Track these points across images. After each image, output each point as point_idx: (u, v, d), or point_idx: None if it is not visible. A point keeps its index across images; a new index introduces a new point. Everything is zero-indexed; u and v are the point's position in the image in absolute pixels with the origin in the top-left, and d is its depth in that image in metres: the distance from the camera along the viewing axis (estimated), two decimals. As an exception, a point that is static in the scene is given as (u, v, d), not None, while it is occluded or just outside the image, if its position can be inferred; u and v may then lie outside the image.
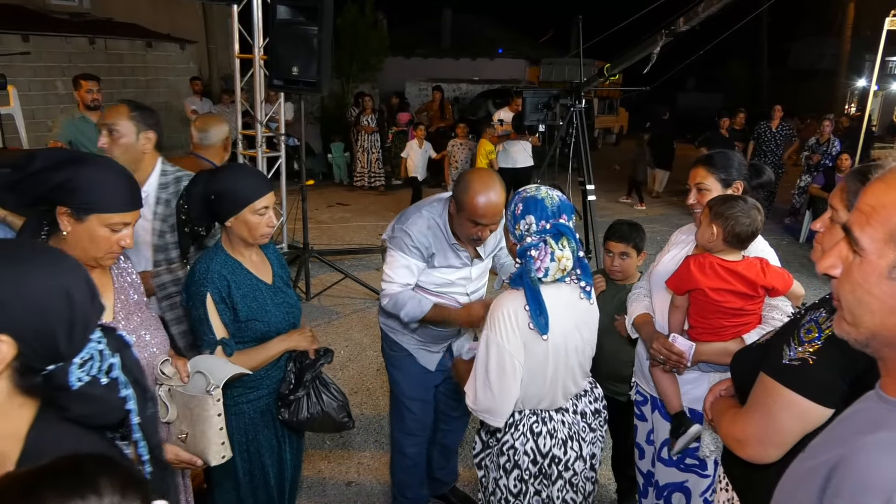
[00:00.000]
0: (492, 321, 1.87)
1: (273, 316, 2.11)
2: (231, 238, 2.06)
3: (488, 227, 2.32)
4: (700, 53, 5.52)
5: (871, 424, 0.85)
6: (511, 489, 2.03)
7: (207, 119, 3.51)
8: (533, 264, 1.83)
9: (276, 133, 6.88)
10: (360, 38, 14.36)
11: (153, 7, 11.72)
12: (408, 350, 2.71)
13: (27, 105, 7.75)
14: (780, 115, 9.57)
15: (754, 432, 1.45)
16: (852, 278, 0.87)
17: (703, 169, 2.28)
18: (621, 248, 2.75)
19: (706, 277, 2.06)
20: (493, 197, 2.25)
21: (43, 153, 1.60)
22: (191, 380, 1.85)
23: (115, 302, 1.77)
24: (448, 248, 2.48)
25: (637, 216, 9.28)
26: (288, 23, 5.03)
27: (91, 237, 1.61)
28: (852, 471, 0.81)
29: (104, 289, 1.75)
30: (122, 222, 1.65)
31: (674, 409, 2.23)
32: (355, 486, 3.30)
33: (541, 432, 1.99)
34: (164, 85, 11.00)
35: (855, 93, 19.51)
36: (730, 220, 2.03)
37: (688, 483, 2.30)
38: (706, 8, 3.76)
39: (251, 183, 2.00)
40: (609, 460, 3.18)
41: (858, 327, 0.88)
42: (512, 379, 1.85)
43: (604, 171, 11.59)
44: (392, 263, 2.48)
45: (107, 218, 1.61)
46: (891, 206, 0.82)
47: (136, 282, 1.91)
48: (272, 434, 2.22)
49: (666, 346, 2.16)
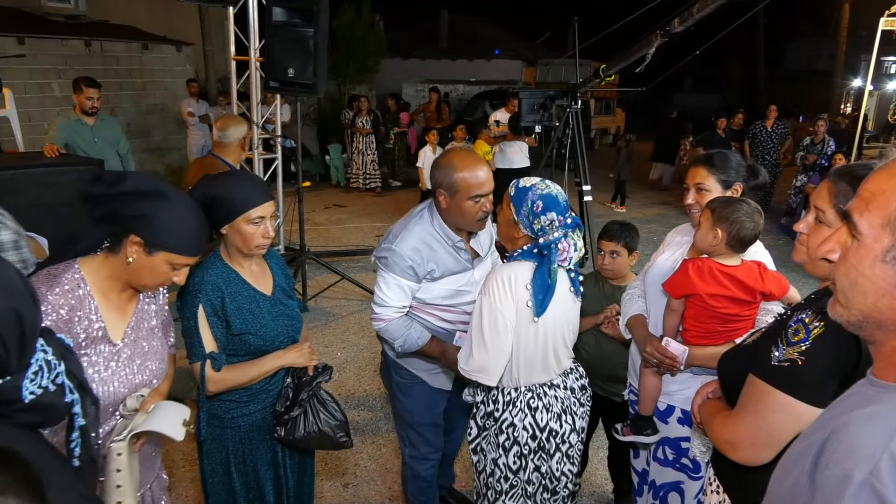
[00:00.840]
0: (487, 286, 2.05)
1: (270, 329, 2.04)
2: (228, 247, 2.01)
3: (488, 197, 2.27)
4: (696, 53, 5.53)
5: (862, 404, 0.88)
6: (511, 466, 2.16)
7: (228, 119, 3.69)
8: (558, 255, 2.02)
9: (273, 135, 6.88)
10: (356, 40, 14.37)
11: (149, 9, 11.70)
12: (419, 377, 2.55)
13: (23, 108, 7.72)
14: (774, 114, 9.59)
15: (746, 435, 1.44)
16: (848, 261, 0.91)
17: (704, 169, 2.25)
18: (612, 246, 2.76)
19: (705, 283, 2.04)
20: (480, 166, 2.26)
21: (134, 177, 1.62)
22: (126, 419, 1.68)
23: (130, 322, 1.73)
24: (447, 253, 2.34)
25: (633, 217, 9.29)
26: (284, 24, 5.04)
27: (152, 270, 1.64)
28: (842, 440, 0.83)
29: (126, 307, 1.73)
30: (185, 263, 1.69)
31: (646, 412, 2.30)
32: (352, 489, 3.30)
33: (538, 407, 2.14)
34: (160, 87, 10.98)
35: (851, 93, 19.55)
36: (735, 224, 1.99)
37: (683, 484, 2.30)
38: (701, 9, 3.78)
39: (248, 191, 1.93)
40: (605, 460, 3.18)
41: (850, 309, 0.91)
42: (504, 338, 2.03)
43: (600, 173, 11.60)
44: (384, 283, 2.33)
45: (174, 258, 1.64)
46: (890, 193, 0.86)
47: (162, 308, 1.87)
48: (268, 449, 2.16)
49: (659, 349, 2.15)
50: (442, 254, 2.33)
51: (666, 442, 2.29)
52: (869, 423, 0.82)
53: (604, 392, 2.78)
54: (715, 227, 2.03)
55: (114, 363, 1.67)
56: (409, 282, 2.31)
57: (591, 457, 3.29)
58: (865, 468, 0.77)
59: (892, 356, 0.89)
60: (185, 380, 2.42)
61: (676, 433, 2.26)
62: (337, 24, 13.49)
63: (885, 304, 0.86)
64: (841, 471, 0.80)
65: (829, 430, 0.86)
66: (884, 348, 0.91)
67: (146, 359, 1.76)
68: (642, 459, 2.49)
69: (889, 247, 0.85)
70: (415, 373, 2.55)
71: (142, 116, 10.69)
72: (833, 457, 0.82)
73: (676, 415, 2.26)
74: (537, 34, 25.66)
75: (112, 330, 1.67)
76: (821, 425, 0.94)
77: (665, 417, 2.29)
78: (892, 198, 0.85)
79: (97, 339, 1.63)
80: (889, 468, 0.76)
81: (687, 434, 2.21)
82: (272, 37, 5.09)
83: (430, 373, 2.55)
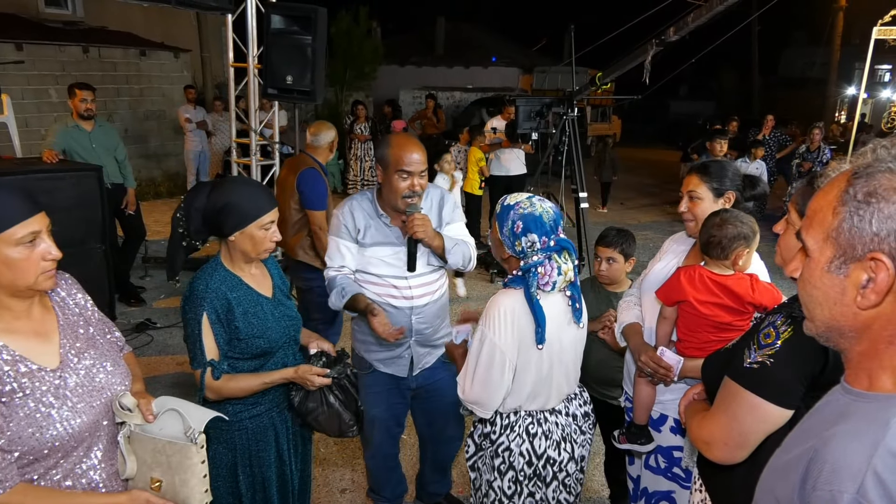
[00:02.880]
0: (488, 317, 1.92)
1: (273, 332, 2.07)
2: (232, 253, 2.02)
3: (416, 176, 2.41)
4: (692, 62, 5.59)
5: (838, 415, 0.92)
6: (505, 490, 2.05)
7: (319, 125, 4.22)
8: (539, 279, 1.89)
9: (271, 141, 6.90)
10: (353, 47, 14.42)
11: (147, 15, 11.72)
12: (372, 365, 2.68)
13: (20, 113, 7.74)
14: (771, 123, 9.65)
15: (720, 434, 1.49)
16: (804, 277, 0.99)
17: (697, 177, 2.27)
18: (608, 253, 2.78)
19: (695, 290, 2.06)
20: (414, 146, 2.42)
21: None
22: (160, 419, 1.65)
23: (62, 342, 1.57)
24: (374, 221, 2.53)
25: (629, 223, 9.33)
26: (282, 32, 5.08)
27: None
28: (824, 462, 0.86)
29: (46, 330, 1.55)
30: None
31: (640, 421, 2.29)
32: (349, 494, 3.30)
33: (536, 433, 2.03)
34: (157, 93, 11.00)
35: (845, 101, 19.69)
36: (703, 230, 2.06)
37: (674, 494, 2.30)
38: (696, 18, 3.82)
39: (259, 198, 1.99)
40: (602, 466, 3.19)
41: (815, 322, 0.98)
42: (500, 375, 1.91)
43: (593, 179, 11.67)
44: (329, 247, 2.60)
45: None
46: (826, 209, 0.93)
47: (85, 309, 1.69)
48: (274, 450, 2.17)
49: (654, 359, 2.15)
50: (370, 221, 2.54)
51: (658, 450, 2.30)
52: (850, 440, 0.85)
53: (600, 396, 2.80)
54: None
55: (61, 390, 1.49)
56: (344, 241, 2.55)
57: (588, 462, 3.30)
58: (852, 488, 0.80)
59: (860, 362, 0.94)
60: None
61: (669, 442, 2.26)
62: (334, 32, 13.55)
63: (839, 311, 0.93)
64: (829, 493, 0.83)
65: (812, 449, 0.90)
66: (850, 355, 0.96)
67: (99, 371, 1.61)
68: (637, 466, 2.49)
69: (831, 258, 0.92)
70: (368, 360, 2.69)
71: (139, 122, 10.71)
72: (820, 477, 0.85)
73: (669, 424, 2.26)
74: (534, 41, 25.79)
75: (38, 357, 1.49)
76: (802, 437, 0.97)
77: (658, 426, 2.29)
78: (829, 213, 0.93)
79: (26, 372, 1.45)
80: (874, 485, 0.79)
81: (679, 443, 2.22)
82: (270, 44, 5.13)
83: (383, 361, 2.67)
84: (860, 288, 0.89)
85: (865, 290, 0.88)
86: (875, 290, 0.87)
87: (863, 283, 0.88)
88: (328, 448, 3.69)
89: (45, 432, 1.44)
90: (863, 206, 0.88)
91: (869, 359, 0.92)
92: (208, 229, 2.01)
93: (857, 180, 0.90)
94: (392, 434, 2.87)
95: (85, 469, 1.55)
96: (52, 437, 1.45)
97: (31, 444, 1.42)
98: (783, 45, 28.80)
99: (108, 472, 1.61)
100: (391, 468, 3.00)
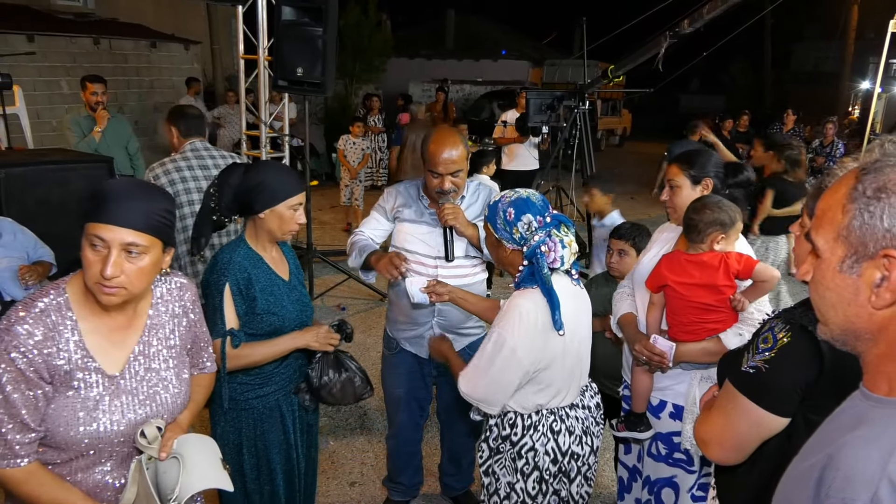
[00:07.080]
0: (505, 318, 1.89)
1: (288, 311, 2.16)
2: (258, 231, 2.11)
3: (445, 178, 2.45)
4: (704, 55, 5.54)
5: (856, 421, 0.89)
6: (529, 491, 2.03)
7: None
8: (546, 258, 1.88)
9: (280, 133, 6.90)
10: (363, 39, 14.36)
11: (157, 7, 11.73)
12: (400, 345, 2.79)
13: (32, 105, 7.75)
14: (792, 118, 9.56)
15: (716, 435, 1.50)
16: (815, 279, 0.96)
17: (676, 166, 2.37)
18: (621, 245, 2.88)
19: (673, 273, 2.17)
20: (447, 146, 2.43)
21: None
22: (168, 462, 1.55)
23: (136, 347, 1.57)
24: (413, 201, 2.66)
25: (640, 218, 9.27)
26: (293, 24, 5.05)
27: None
28: (838, 468, 0.83)
29: (126, 335, 1.56)
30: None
31: (639, 409, 2.35)
32: (358, 487, 3.31)
33: (560, 430, 2.02)
34: (167, 85, 11.01)
35: (858, 95, 19.47)
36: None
37: (676, 478, 2.33)
38: (711, 10, 3.78)
39: (291, 179, 2.11)
40: (612, 461, 3.18)
41: (829, 325, 0.96)
42: (514, 375, 1.90)
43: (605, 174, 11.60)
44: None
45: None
46: (836, 207, 0.91)
47: (182, 318, 1.69)
48: (281, 432, 2.22)
49: (647, 346, 2.21)
50: (410, 201, 2.68)
51: (659, 437, 2.35)
52: (864, 447, 0.83)
53: (609, 390, 2.80)
54: None
55: (108, 397, 1.49)
56: (377, 214, 2.75)
57: (598, 457, 3.29)
58: (866, 496, 0.78)
59: (878, 366, 0.91)
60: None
61: (669, 428, 2.31)
62: (343, 24, 13.48)
63: (853, 313, 0.90)
64: (841, 500, 0.80)
65: (828, 455, 0.87)
66: (868, 358, 0.93)
67: (154, 390, 1.58)
68: (633, 455, 2.53)
69: (843, 257, 0.89)
70: (396, 339, 2.80)
71: (149, 114, 10.73)
72: (833, 485, 0.83)
73: (668, 410, 2.31)
74: (544, 35, 25.64)
75: (103, 359, 1.50)
76: (819, 445, 0.95)
77: (657, 413, 2.34)
78: (838, 211, 0.90)
79: (84, 368, 1.47)
80: (888, 494, 0.77)
81: (679, 429, 2.26)
82: (281, 36, 5.10)
83: (409, 340, 2.77)
84: (874, 287, 0.86)
85: (880, 288, 0.86)
86: (890, 288, 0.85)
87: (877, 282, 0.86)
88: (338, 441, 3.70)
89: (69, 430, 1.46)
90: (873, 201, 0.86)
91: (888, 362, 0.89)
92: (239, 206, 2.10)
93: (866, 176, 0.88)
94: (414, 416, 2.92)
95: (94, 472, 1.56)
96: (73, 438, 1.47)
97: (55, 436, 1.45)
98: (796, 39, 28.49)
99: (120, 483, 1.58)
100: (411, 454, 3.03)
